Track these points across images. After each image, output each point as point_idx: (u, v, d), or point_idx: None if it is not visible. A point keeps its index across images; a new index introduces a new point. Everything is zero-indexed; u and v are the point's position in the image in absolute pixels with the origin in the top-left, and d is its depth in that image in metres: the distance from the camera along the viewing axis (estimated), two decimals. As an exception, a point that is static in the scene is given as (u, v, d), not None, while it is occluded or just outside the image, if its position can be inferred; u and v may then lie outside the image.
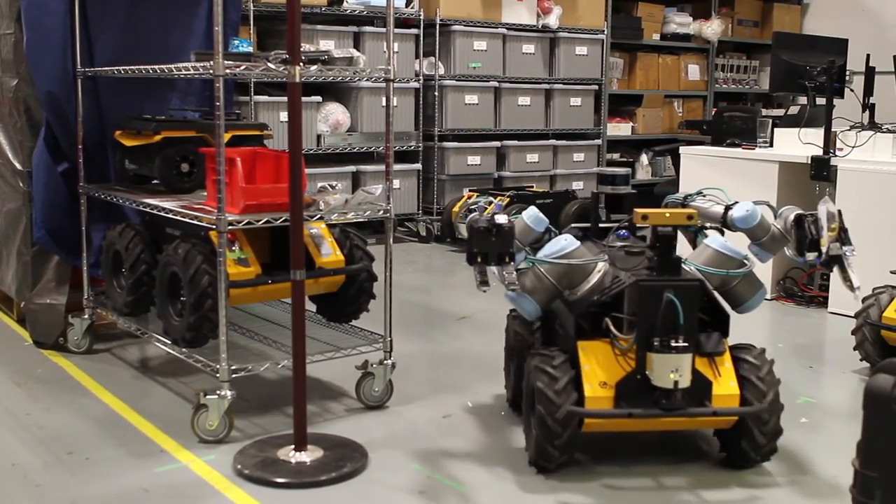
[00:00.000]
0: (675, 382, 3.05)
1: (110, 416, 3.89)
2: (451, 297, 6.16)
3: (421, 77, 8.18)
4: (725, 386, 3.21)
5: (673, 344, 3.06)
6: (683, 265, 3.35)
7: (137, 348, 4.82)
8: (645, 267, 3.37)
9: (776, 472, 3.36)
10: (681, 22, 10.29)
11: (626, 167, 8.74)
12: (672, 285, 3.13)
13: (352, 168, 7.72)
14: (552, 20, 8.81)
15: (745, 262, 3.43)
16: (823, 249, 3.36)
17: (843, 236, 3.40)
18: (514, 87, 8.74)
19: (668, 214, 3.26)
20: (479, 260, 3.31)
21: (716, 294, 3.41)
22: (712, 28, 10.32)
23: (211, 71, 3.43)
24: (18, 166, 4.86)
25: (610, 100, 9.64)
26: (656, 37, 10.17)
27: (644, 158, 10.06)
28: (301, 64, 3.29)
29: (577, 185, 9.15)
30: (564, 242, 3.37)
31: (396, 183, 7.99)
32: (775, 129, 6.55)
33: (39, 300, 4.79)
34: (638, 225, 3.34)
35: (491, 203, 7.47)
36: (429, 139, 8.31)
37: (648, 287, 3.14)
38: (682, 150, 6.85)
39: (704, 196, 3.77)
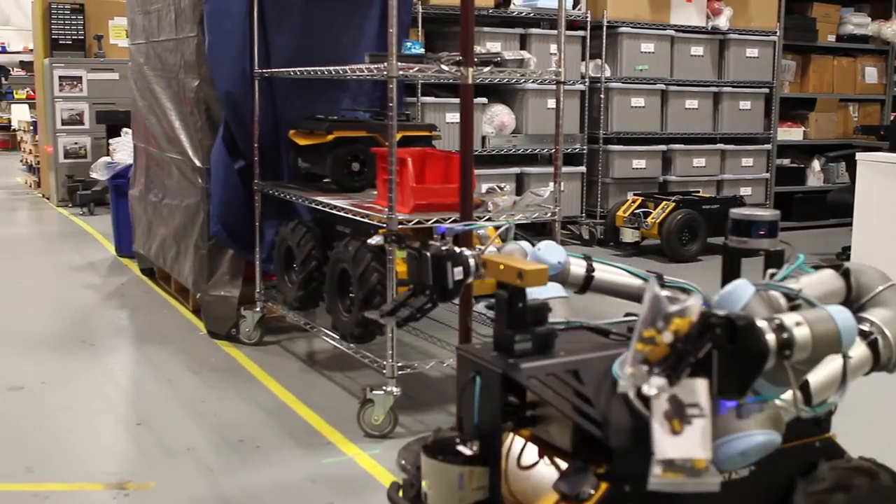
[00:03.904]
0: (425, 496, 2.10)
1: (279, 407, 4.01)
2: (611, 300, 6.07)
3: (587, 79, 8.11)
4: None
5: (458, 447, 2.07)
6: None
7: (305, 342, 4.95)
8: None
9: None
10: (858, 22, 9.89)
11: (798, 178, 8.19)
12: (480, 364, 2.09)
13: (516, 170, 7.71)
14: (722, 21, 8.60)
15: None
16: (625, 372, 1.77)
17: (673, 362, 1.71)
18: (681, 89, 8.57)
19: (501, 267, 2.11)
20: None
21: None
22: (892, 29, 9.86)
23: (385, 72, 3.49)
24: (198, 163, 5.06)
25: (781, 103, 9.33)
26: (831, 38, 9.80)
27: (816, 164, 9.71)
28: (474, 66, 3.31)
29: (745, 191, 8.91)
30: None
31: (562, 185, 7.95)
32: (962, 136, 6.23)
33: (214, 292, 4.97)
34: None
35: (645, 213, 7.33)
36: (593, 142, 8.23)
37: (463, 358, 2.18)
38: (859, 156, 6.57)
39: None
